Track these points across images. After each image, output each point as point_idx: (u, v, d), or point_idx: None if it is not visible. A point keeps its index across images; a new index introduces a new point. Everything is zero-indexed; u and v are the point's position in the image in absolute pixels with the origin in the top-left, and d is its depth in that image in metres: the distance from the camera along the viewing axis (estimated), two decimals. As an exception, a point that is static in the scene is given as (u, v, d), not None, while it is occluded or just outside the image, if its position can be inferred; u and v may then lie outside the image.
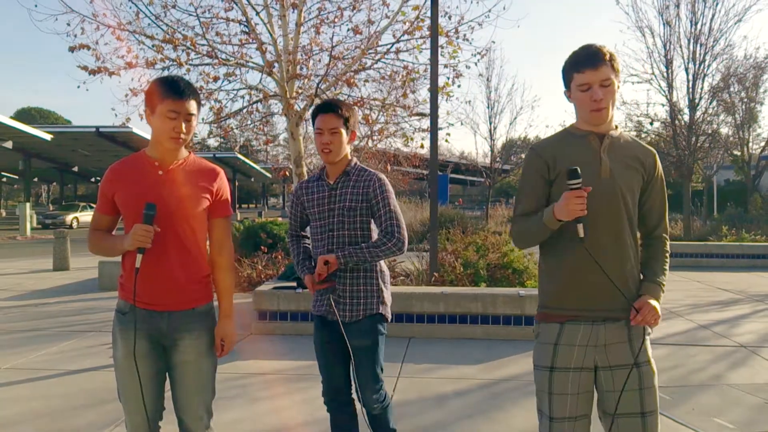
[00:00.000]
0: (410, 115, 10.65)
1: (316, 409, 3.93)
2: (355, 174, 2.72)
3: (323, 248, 2.68)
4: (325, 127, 2.64)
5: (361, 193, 2.66)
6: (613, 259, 2.05)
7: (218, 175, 2.35)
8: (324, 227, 2.69)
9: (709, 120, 18.05)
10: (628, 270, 2.08)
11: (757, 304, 7.88)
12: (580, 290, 2.07)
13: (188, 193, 2.25)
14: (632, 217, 2.10)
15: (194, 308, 2.27)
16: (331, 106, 2.68)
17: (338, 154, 2.67)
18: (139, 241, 2.10)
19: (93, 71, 8.02)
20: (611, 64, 2.02)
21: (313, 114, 2.71)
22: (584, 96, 2.04)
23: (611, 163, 2.08)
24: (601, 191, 2.04)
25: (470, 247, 8.34)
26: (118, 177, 2.25)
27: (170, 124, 2.16)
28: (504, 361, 5.09)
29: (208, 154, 34.17)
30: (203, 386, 2.30)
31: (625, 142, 2.14)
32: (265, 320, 6.13)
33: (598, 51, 2.03)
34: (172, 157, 2.26)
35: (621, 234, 2.07)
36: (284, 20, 8.53)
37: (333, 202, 2.69)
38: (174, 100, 2.14)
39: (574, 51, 2.08)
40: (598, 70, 2.00)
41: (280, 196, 67.09)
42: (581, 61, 2.04)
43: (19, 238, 22.49)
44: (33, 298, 8.49)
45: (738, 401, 4.11)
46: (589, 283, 2.06)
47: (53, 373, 4.79)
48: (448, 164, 39.39)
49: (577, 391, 2.07)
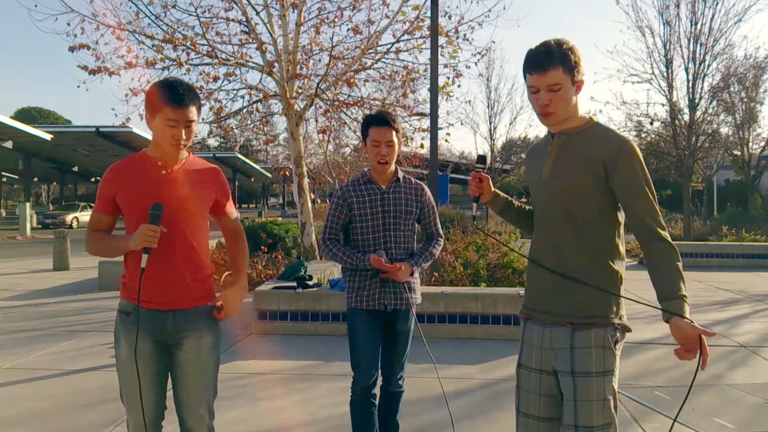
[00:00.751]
0: (410, 115, 10.66)
1: (316, 408, 3.94)
2: (406, 182, 2.99)
3: (374, 247, 2.88)
4: (383, 139, 2.84)
5: (415, 200, 2.96)
6: (553, 263, 2.01)
7: (219, 172, 2.41)
8: (377, 228, 2.90)
9: (709, 120, 18.06)
10: (571, 274, 1.97)
11: (756, 304, 7.88)
12: (531, 289, 2.14)
13: (193, 192, 2.26)
14: (578, 219, 1.97)
15: (198, 307, 2.28)
16: (386, 120, 2.86)
17: (392, 164, 2.92)
18: (146, 241, 2.10)
19: (93, 71, 8.03)
20: (565, 64, 1.92)
21: (366, 125, 2.90)
22: (533, 98, 2.00)
23: (559, 163, 2.02)
24: (541, 192, 2.07)
25: (470, 247, 8.35)
26: (119, 177, 2.24)
27: (170, 132, 2.17)
28: (504, 361, 5.09)
29: (208, 154, 34.18)
30: (206, 385, 2.30)
31: (589, 138, 1.99)
32: (265, 320, 6.13)
33: (549, 53, 1.93)
34: (174, 157, 2.28)
35: (561, 237, 2.00)
36: (284, 20, 8.53)
37: (387, 204, 2.91)
38: (173, 109, 2.14)
39: (530, 49, 1.99)
40: (545, 75, 1.93)
41: (280, 196, 67.11)
42: (530, 63, 1.96)
43: (19, 238, 22.50)
44: (33, 298, 8.49)
45: (738, 401, 4.11)
46: (536, 283, 2.10)
47: (53, 373, 4.79)
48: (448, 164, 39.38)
49: (539, 392, 2.06)
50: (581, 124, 2.03)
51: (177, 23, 8.54)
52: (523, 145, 27.48)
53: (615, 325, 1.97)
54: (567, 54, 1.94)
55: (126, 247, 2.18)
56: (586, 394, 1.92)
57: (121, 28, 8.13)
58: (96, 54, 8.14)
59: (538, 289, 2.10)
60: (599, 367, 1.93)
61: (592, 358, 1.93)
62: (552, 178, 2.03)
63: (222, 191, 2.38)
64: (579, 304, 1.97)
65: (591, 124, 2.04)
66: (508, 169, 28.85)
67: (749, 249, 12.68)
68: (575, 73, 1.96)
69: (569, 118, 2.02)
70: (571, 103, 1.98)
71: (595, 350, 1.93)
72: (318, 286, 6.24)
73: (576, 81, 1.97)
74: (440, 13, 7.79)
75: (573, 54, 1.95)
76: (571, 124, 2.03)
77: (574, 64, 1.95)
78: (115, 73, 8.14)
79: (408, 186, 2.98)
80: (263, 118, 10.72)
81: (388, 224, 2.90)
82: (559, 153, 2.03)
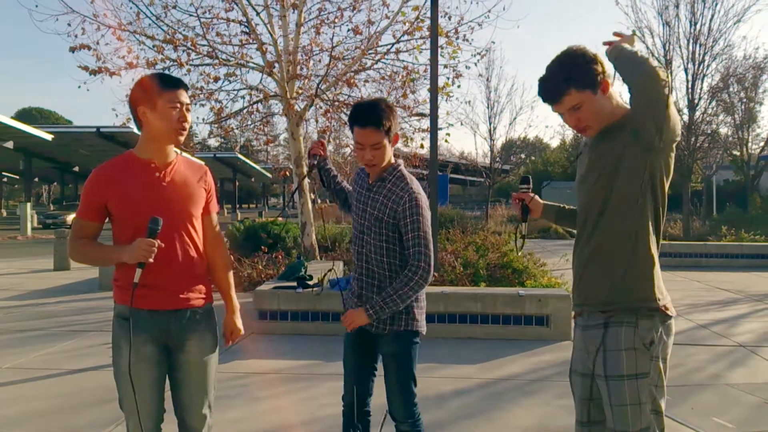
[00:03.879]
0: (410, 116, 10.67)
1: (316, 408, 3.95)
2: (391, 182, 2.48)
3: (355, 250, 2.57)
4: (367, 142, 2.39)
5: (390, 208, 2.42)
6: (578, 258, 2.06)
7: (207, 171, 2.37)
8: (358, 227, 2.55)
9: (709, 120, 18.08)
10: (589, 272, 2.00)
11: (756, 304, 7.88)
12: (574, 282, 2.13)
13: (189, 193, 2.24)
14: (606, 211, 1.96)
15: (198, 308, 2.27)
16: (371, 119, 2.38)
17: (382, 164, 2.47)
18: (143, 256, 2.05)
19: (94, 71, 8.04)
20: (576, 84, 1.90)
21: (350, 124, 2.46)
22: (565, 121, 2.01)
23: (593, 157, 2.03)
24: (577, 187, 2.14)
25: (470, 246, 8.36)
26: (110, 182, 2.14)
27: (176, 114, 2.14)
28: (504, 361, 5.10)
29: (209, 154, 34.12)
30: (207, 386, 2.30)
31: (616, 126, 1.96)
32: (265, 320, 6.14)
33: (554, 83, 1.93)
34: (166, 157, 2.22)
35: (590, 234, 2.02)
36: (284, 21, 8.54)
37: (367, 203, 2.51)
38: (172, 91, 2.14)
39: (539, 78, 1.99)
40: (561, 104, 1.95)
41: (280, 196, 67.09)
42: (541, 96, 1.99)
43: (20, 238, 22.50)
44: (33, 298, 8.49)
45: (737, 400, 4.12)
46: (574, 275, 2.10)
47: (53, 373, 4.80)
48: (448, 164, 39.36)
49: (580, 396, 2.07)
50: (620, 117, 1.96)
51: (178, 24, 8.56)
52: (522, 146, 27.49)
53: (645, 311, 1.91)
54: (573, 72, 1.89)
55: (119, 258, 2.11)
56: (619, 399, 1.89)
57: (121, 29, 8.14)
58: (97, 54, 8.16)
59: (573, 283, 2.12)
60: (631, 370, 1.89)
61: (623, 360, 1.90)
62: (585, 173, 2.05)
63: (209, 190, 2.35)
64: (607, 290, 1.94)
65: (624, 112, 1.98)
66: (508, 169, 28.86)
67: (748, 249, 12.68)
68: (592, 83, 1.91)
69: (609, 118, 1.97)
70: (603, 109, 1.94)
71: (626, 353, 1.90)
72: (318, 285, 6.25)
73: (598, 88, 1.92)
74: (440, 13, 7.80)
75: (580, 68, 1.90)
76: (612, 120, 1.97)
77: (586, 75, 1.90)
78: (116, 73, 8.15)
79: (391, 189, 2.46)
80: (263, 118, 10.73)
81: (362, 226, 2.51)
82: (594, 146, 2.02)
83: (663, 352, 1.94)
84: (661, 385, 1.93)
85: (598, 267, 1.98)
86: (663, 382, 1.94)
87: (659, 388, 1.93)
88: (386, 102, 2.48)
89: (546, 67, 1.96)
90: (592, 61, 1.91)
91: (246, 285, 8.63)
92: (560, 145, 45.81)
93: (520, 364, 5.00)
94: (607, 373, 1.91)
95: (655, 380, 1.92)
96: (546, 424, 3.72)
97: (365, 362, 2.60)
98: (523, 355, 5.20)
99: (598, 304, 1.97)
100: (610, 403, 1.92)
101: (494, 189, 26.81)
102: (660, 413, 1.92)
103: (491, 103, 23.68)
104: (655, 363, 1.92)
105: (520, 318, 5.88)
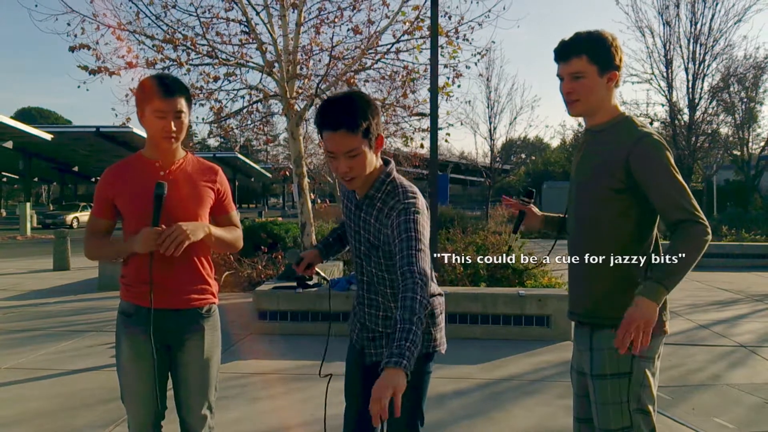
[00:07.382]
0: (410, 115, 10.66)
1: (316, 408, 3.94)
2: (380, 200, 1.99)
3: (356, 278, 2.19)
4: (339, 150, 1.88)
5: (383, 233, 1.97)
6: (569, 266, 2.09)
7: (218, 173, 2.36)
8: (355, 251, 2.14)
9: (709, 120, 18.11)
10: (587, 272, 1.99)
11: (756, 304, 7.88)
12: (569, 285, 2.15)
13: (193, 193, 2.25)
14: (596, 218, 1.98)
15: (200, 307, 2.28)
16: (340, 121, 1.85)
17: (363, 176, 1.96)
18: (151, 245, 2.08)
19: (93, 71, 8.03)
20: (591, 53, 1.90)
21: (318, 127, 1.94)
22: (562, 87, 1.99)
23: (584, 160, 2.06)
24: (570, 188, 2.16)
25: (470, 247, 8.35)
26: (118, 180, 2.22)
27: (159, 123, 2.14)
28: (504, 361, 5.09)
29: (208, 154, 34.16)
30: (207, 385, 2.30)
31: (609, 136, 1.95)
32: (265, 320, 6.13)
33: (573, 41, 1.93)
34: (172, 157, 2.25)
35: (576, 235, 2.06)
36: (284, 20, 8.52)
37: (359, 225, 2.07)
38: (161, 99, 2.12)
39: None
40: (568, 63, 1.94)
41: (280, 196, 67.08)
42: (556, 52, 1.97)
43: (19, 238, 22.49)
44: (33, 298, 8.48)
45: (737, 401, 4.12)
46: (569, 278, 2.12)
47: (53, 373, 4.79)
48: (448, 164, 39.38)
49: (576, 392, 2.12)
50: (609, 119, 1.97)
51: (177, 23, 8.53)
52: (522, 146, 27.49)
53: None
54: (594, 43, 1.91)
55: (130, 249, 2.16)
56: (602, 396, 1.92)
57: (121, 28, 8.12)
58: (96, 54, 8.14)
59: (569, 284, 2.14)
60: (613, 369, 1.91)
61: (606, 359, 1.92)
62: (576, 175, 2.06)
63: (221, 191, 2.35)
64: (590, 303, 1.99)
65: (619, 119, 1.97)
66: (508, 170, 28.86)
67: (749, 249, 12.67)
68: (604, 63, 1.91)
69: (599, 112, 1.97)
70: (599, 94, 1.94)
71: (608, 352, 1.91)
72: (318, 286, 6.25)
73: (605, 72, 1.92)
74: (440, 13, 7.78)
75: (602, 44, 1.91)
76: (602, 119, 1.98)
77: (604, 53, 1.91)
78: (116, 73, 8.13)
79: (381, 206, 1.98)
80: (263, 118, 10.72)
81: (359, 250, 2.10)
82: (585, 150, 2.03)
83: (650, 352, 1.93)
84: (648, 385, 1.92)
85: (584, 279, 2.02)
86: (650, 381, 1.93)
87: (646, 387, 1.92)
88: (362, 95, 1.98)
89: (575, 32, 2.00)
90: (615, 49, 1.93)
91: (246, 285, 8.62)
92: (560, 145, 45.85)
93: (521, 364, 4.99)
94: (593, 371, 1.96)
95: (640, 380, 1.92)
96: (546, 424, 3.72)
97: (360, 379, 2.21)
98: (523, 355, 5.20)
99: (583, 315, 2.03)
100: (595, 401, 1.96)
101: (494, 189, 26.82)
102: (648, 413, 1.91)
103: (491, 102, 23.73)
104: (639, 362, 1.91)
105: (521, 318, 5.87)
